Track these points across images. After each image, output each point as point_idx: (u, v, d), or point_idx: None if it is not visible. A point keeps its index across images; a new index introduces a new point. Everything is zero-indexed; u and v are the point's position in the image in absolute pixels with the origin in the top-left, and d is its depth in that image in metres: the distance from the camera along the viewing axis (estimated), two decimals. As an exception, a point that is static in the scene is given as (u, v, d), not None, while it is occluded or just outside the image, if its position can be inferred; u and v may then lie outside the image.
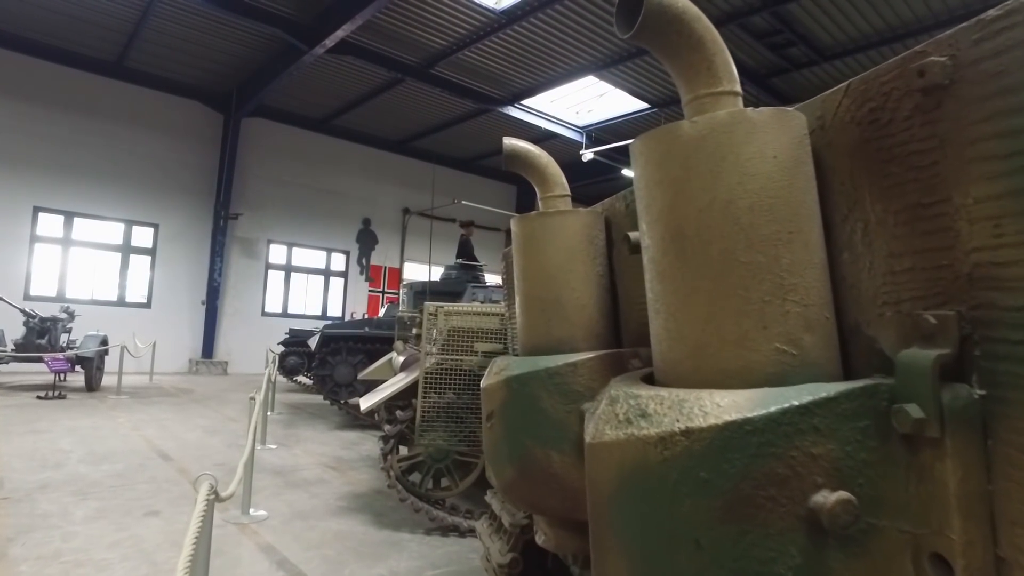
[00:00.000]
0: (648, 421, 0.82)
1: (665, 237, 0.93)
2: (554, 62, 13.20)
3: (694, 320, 0.89)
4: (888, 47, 11.11)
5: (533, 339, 1.67)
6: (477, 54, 12.99)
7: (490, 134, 17.87)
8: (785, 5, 10.27)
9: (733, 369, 0.86)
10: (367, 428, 8.60)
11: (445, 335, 4.79)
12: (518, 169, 1.78)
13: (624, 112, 15.99)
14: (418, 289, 9.68)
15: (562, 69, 13.59)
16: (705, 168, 0.87)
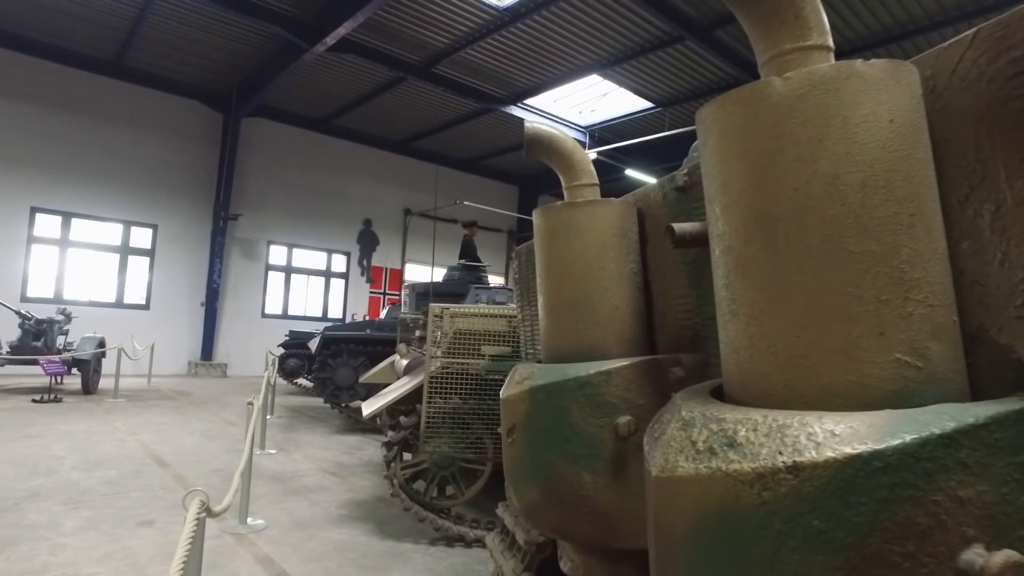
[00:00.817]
0: (739, 452, 0.65)
1: (748, 223, 0.75)
2: (557, 61, 13.04)
3: (787, 324, 0.72)
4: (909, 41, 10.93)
5: (559, 344, 1.50)
6: (479, 53, 12.83)
7: (492, 134, 17.72)
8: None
9: (839, 385, 0.68)
10: (368, 432, 8.42)
11: (451, 337, 4.62)
12: (541, 156, 1.61)
13: (628, 112, 15.84)
14: (420, 290, 9.52)
15: (565, 68, 13.43)
16: (803, 136, 0.70)
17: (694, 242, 1.29)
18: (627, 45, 12.22)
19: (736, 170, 0.77)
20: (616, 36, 11.88)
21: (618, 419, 1.35)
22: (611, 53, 12.58)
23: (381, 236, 18.92)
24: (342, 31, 10.96)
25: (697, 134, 0.87)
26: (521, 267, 2.87)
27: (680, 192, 1.39)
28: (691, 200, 1.37)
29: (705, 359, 1.36)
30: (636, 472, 1.36)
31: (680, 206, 1.41)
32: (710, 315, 1.33)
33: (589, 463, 1.35)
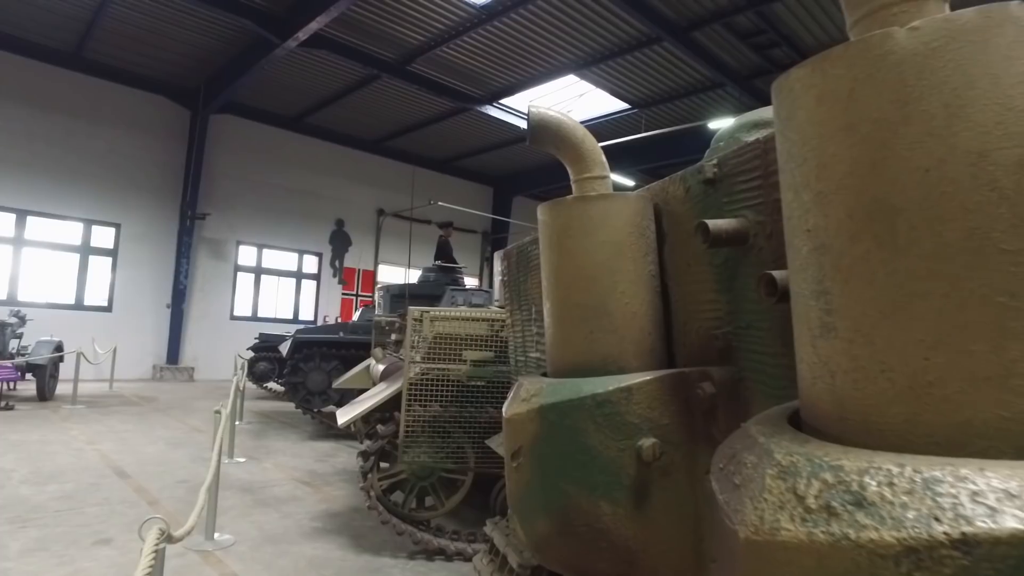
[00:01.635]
0: (873, 515, 0.49)
1: (856, 214, 0.60)
2: (534, 60, 12.91)
3: (911, 343, 0.56)
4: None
5: (570, 356, 1.34)
6: (455, 51, 12.63)
7: (467, 134, 17.52)
8: (770, 4, 10.12)
9: (989, 423, 0.53)
10: (342, 438, 8.16)
11: (430, 342, 4.43)
12: (546, 144, 1.44)
13: (604, 113, 15.78)
14: (395, 292, 9.30)
15: (542, 68, 13.31)
16: (937, 101, 0.54)
17: (729, 241, 1.14)
18: (604, 45, 12.14)
19: (839, 148, 0.61)
20: (593, 36, 11.79)
21: (641, 442, 1.19)
22: (588, 53, 12.50)
23: (354, 237, 18.57)
24: (314, 26, 10.67)
25: (775, 109, 0.71)
26: (511, 268, 2.70)
27: (708, 186, 1.24)
28: (721, 194, 1.22)
29: (737, 373, 1.21)
30: (661, 501, 1.21)
31: (708, 201, 1.26)
32: (744, 323, 1.18)
33: (608, 491, 1.19)
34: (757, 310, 1.14)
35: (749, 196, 1.14)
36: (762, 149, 1.09)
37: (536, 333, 2.42)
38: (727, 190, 1.20)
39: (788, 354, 1.09)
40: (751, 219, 1.13)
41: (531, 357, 2.49)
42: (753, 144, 1.12)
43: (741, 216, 1.14)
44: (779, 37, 11.01)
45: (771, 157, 1.08)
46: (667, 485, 1.22)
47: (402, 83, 13.64)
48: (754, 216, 1.12)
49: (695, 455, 1.24)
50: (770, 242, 1.09)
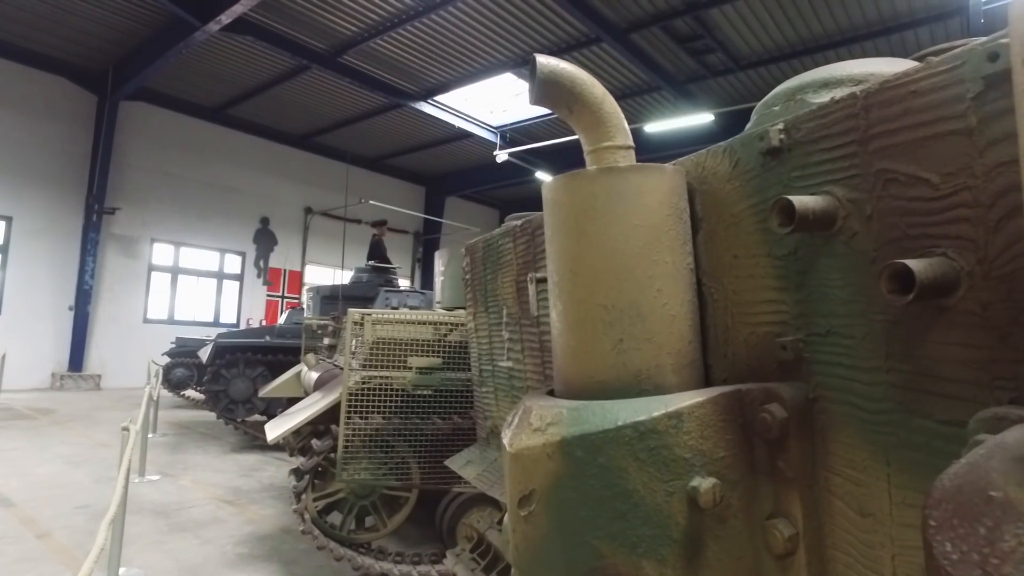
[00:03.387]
0: None
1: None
2: (471, 57, 12.62)
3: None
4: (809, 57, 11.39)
5: (591, 371, 1.06)
6: (390, 44, 12.18)
7: (400, 131, 17.03)
8: (708, 10, 10.24)
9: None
10: (269, 450, 7.58)
11: (370, 347, 4.06)
12: (556, 104, 1.16)
13: (541, 113, 15.68)
14: (326, 294, 8.80)
15: (479, 65, 13.04)
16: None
17: (815, 224, 0.89)
18: (543, 44, 11.99)
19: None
20: (532, 34, 11.62)
21: (695, 482, 0.92)
22: (526, 52, 12.31)
23: (280, 236, 17.70)
24: (239, 9, 9.97)
25: None
26: (475, 265, 2.40)
27: (770, 157, 0.99)
28: (790, 167, 0.97)
29: (810, 391, 0.96)
30: (716, 556, 0.95)
31: (767, 177, 1.01)
32: (823, 330, 0.94)
33: (654, 548, 0.92)
34: (846, 313, 0.90)
35: (837, 167, 0.89)
36: (861, 106, 0.85)
37: (508, 339, 2.13)
38: (799, 161, 0.95)
39: (894, 368, 0.85)
40: (841, 197, 0.88)
41: (500, 367, 2.20)
42: (843, 101, 0.88)
43: (825, 193, 0.90)
44: (715, 43, 11.17)
45: (874, 115, 0.84)
46: (722, 535, 0.96)
47: (333, 76, 13.03)
48: (846, 193, 0.88)
49: (755, 495, 0.98)
50: (870, 226, 0.85)
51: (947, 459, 0.80)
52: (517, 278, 2.02)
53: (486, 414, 2.37)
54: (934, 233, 0.78)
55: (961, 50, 0.74)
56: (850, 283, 0.88)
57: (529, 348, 1.97)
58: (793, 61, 11.78)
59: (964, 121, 0.73)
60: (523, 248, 1.97)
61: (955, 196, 0.75)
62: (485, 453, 2.33)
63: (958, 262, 0.75)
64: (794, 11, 10.17)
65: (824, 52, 11.36)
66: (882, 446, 0.86)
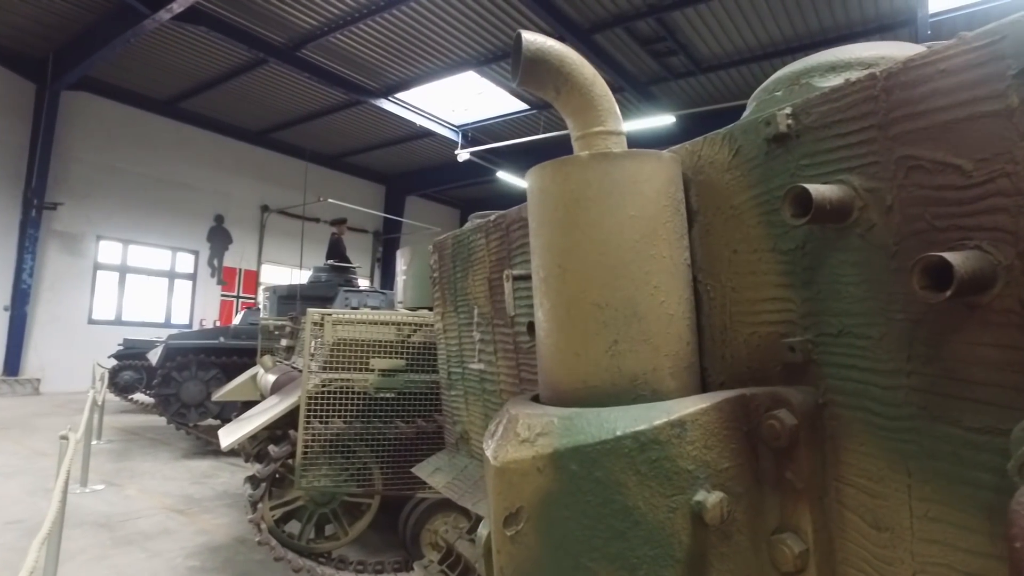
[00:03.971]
0: None
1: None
2: (433, 54, 12.46)
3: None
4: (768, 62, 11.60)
5: (582, 376, 0.97)
6: (350, 39, 11.92)
7: (360, 128, 16.73)
8: (671, 13, 10.33)
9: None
10: (223, 455, 7.29)
11: (330, 348, 3.91)
12: (543, 85, 1.06)
13: (502, 112, 15.60)
14: (283, 293, 8.53)
15: (441, 63, 12.88)
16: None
17: (832, 216, 0.82)
18: (506, 43, 11.91)
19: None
20: (496, 32, 11.54)
21: (700, 497, 0.84)
22: (489, 50, 12.23)
23: (235, 234, 17.17)
24: (191, -3, 9.59)
25: None
26: (444, 263, 2.29)
27: (776, 144, 0.92)
28: (798, 155, 0.90)
29: (820, 396, 0.89)
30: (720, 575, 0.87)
31: (772, 166, 0.93)
32: (835, 330, 0.87)
33: (656, 570, 0.84)
34: (861, 312, 0.83)
35: (853, 154, 0.83)
36: (881, 87, 0.78)
37: (479, 340, 2.03)
38: (809, 149, 0.88)
39: (917, 372, 0.79)
40: (858, 186, 0.81)
41: (471, 369, 2.10)
42: (860, 83, 0.81)
43: (839, 183, 0.83)
44: (677, 46, 11.27)
45: (896, 97, 0.77)
46: (727, 552, 0.89)
47: (291, 70, 12.69)
48: (863, 182, 0.81)
49: (760, 508, 0.91)
50: (890, 217, 0.78)
51: (978, 470, 0.74)
52: (490, 276, 1.93)
53: (455, 419, 2.27)
54: (966, 225, 0.71)
55: (999, 24, 0.68)
56: (866, 279, 0.82)
57: (503, 350, 1.88)
58: (752, 66, 11.99)
59: (1004, 101, 0.67)
60: (496, 244, 1.88)
61: (991, 184, 0.69)
62: (454, 460, 2.22)
63: (995, 256, 0.69)
64: (754, 16, 10.35)
65: (782, 57, 11.58)
66: (902, 455, 0.80)
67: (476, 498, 1.83)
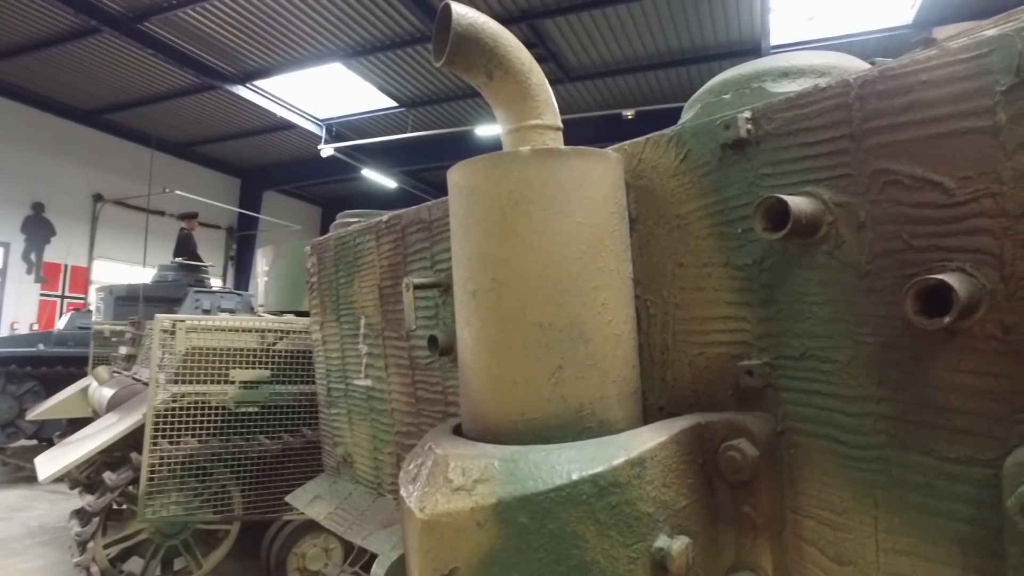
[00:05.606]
0: None
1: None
2: (297, 43, 11.74)
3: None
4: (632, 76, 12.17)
5: (520, 407, 0.84)
6: (201, 16, 10.89)
7: (214, 116, 15.39)
8: (542, 20, 10.51)
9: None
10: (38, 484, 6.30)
11: (182, 358, 3.46)
12: (472, 66, 0.92)
13: (370, 108, 15.08)
14: (122, 294, 7.63)
15: (305, 51, 12.17)
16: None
17: (807, 231, 0.75)
18: (377, 36, 11.52)
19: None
20: (366, 25, 11.10)
21: (661, 543, 0.74)
22: (358, 43, 11.74)
23: (58, 225, 15.08)
24: (4, -52, 8.24)
25: None
26: (323, 267, 2.06)
27: (733, 150, 0.85)
28: (759, 163, 0.83)
29: (779, 423, 0.83)
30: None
31: (727, 173, 0.86)
32: (792, 353, 0.81)
33: (616, 631, 0.73)
34: (826, 334, 0.78)
35: (822, 165, 0.77)
36: (856, 95, 0.73)
37: (367, 354, 1.84)
38: (771, 157, 0.82)
39: (888, 398, 0.74)
40: (827, 199, 0.76)
41: (357, 386, 1.90)
42: (832, 89, 0.76)
43: (806, 195, 0.77)
44: (548, 53, 11.49)
45: (872, 107, 0.72)
46: (692, 603, 0.80)
47: (131, 44, 11.33)
48: (832, 195, 0.76)
49: (716, 546, 0.83)
50: (862, 234, 0.73)
51: (953, 501, 0.71)
52: (381, 283, 1.74)
53: (336, 439, 2.05)
54: (947, 245, 0.67)
55: (987, 36, 0.64)
56: (833, 299, 0.77)
57: (395, 365, 1.70)
58: (617, 78, 12.56)
59: (991, 117, 0.64)
60: (389, 248, 1.70)
61: (975, 203, 0.65)
62: (336, 486, 2.00)
63: (978, 279, 0.65)
64: (620, 31, 10.82)
65: (644, 73, 12.25)
66: (868, 485, 0.76)
67: (366, 531, 1.63)
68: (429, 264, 1.50)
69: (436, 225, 1.46)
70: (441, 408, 1.49)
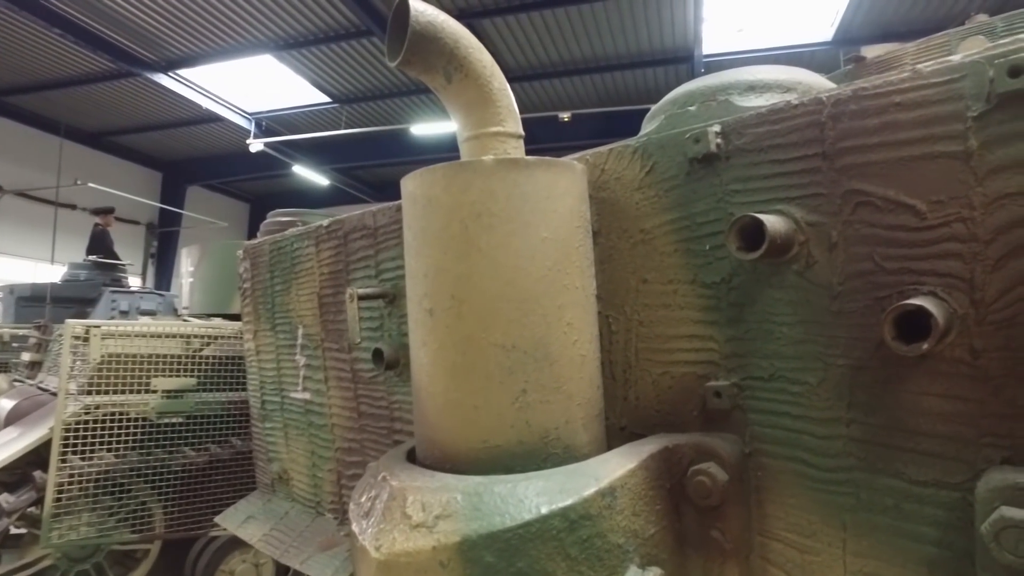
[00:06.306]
0: None
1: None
2: (225, 32, 11.24)
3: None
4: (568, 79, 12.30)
5: (482, 433, 0.79)
6: (120, -2, 10.26)
7: (133, 105, 14.53)
8: (480, 20, 10.46)
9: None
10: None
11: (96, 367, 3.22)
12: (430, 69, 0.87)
13: (302, 103, 14.63)
14: (26, 294, 7.11)
15: (234, 41, 11.67)
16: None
17: (780, 251, 0.74)
18: (310, 29, 11.17)
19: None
20: (298, 16, 10.74)
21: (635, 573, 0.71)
22: (291, 35, 11.36)
23: (-52, 218, 13.89)
24: None
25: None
26: (257, 272, 1.94)
27: (702, 165, 0.83)
28: (728, 179, 0.81)
29: (746, 445, 0.82)
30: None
31: (695, 188, 0.84)
32: (761, 374, 0.80)
33: (587, 673, 0.69)
34: (796, 355, 0.77)
35: (794, 183, 0.76)
36: (829, 114, 0.72)
37: (305, 365, 1.74)
38: (741, 173, 0.80)
39: (857, 420, 0.73)
40: (799, 218, 0.75)
41: (294, 399, 1.79)
42: (805, 106, 0.74)
43: (777, 213, 0.75)
44: (485, 53, 11.48)
45: (845, 126, 0.71)
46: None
47: (35, 21, 10.52)
48: (805, 215, 0.74)
49: (684, 573, 0.81)
50: (834, 255, 0.72)
51: (922, 524, 0.71)
52: (320, 292, 1.65)
53: (271, 455, 1.93)
54: (918, 268, 0.67)
55: (959, 61, 0.64)
56: (803, 320, 0.76)
57: (336, 378, 1.62)
58: (554, 80, 12.66)
59: (962, 143, 0.64)
60: (330, 256, 1.61)
61: (946, 227, 0.65)
62: (271, 504, 1.88)
63: (949, 303, 0.65)
64: (558, 34, 10.91)
65: (581, 76, 12.41)
66: (837, 508, 0.75)
67: (305, 554, 1.54)
68: (374, 273, 1.43)
69: (382, 232, 1.39)
70: (386, 424, 1.42)
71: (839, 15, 9.88)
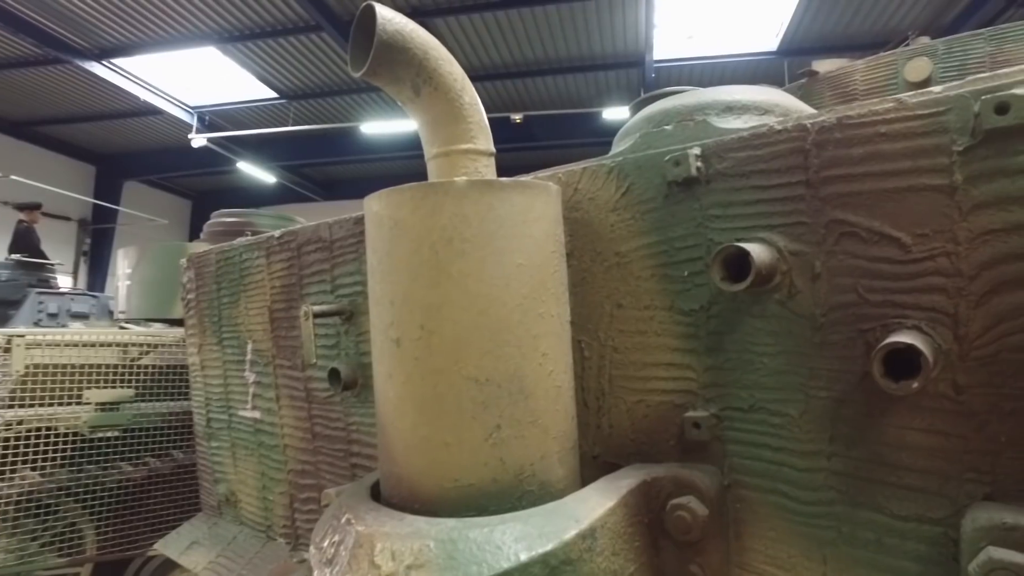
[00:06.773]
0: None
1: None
2: (165, 20, 10.78)
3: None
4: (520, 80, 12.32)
5: (453, 472, 0.74)
6: (47, -21, 9.71)
7: (63, 94, 13.79)
8: (433, 19, 10.36)
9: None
10: None
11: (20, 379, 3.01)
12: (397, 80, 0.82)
13: (247, 98, 14.19)
14: (-61, 297, 6.63)
15: (175, 31, 11.21)
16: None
17: (763, 281, 0.72)
18: (256, 22, 10.83)
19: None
20: (245, 9, 10.40)
21: (614, 622, 0.68)
22: (235, 27, 10.99)
23: None
24: None
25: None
26: (203, 283, 1.83)
27: (681, 188, 0.80)
28: (708, 204, 0.79)
29: (725, 477, 0.80)
30: None
31: (675, 212, 0.81)
32: (740, 404, 0.78)
33: None
34: (777, 386, 0.75)
35: (776, 211, 0.74)
36: (813, 141, 0.70)
37: (255, 383, 1.65)
38: (721, 198, 0.78)
39: (839, 454, 0.72)
40: (783, 247, 0.73)
41: (242, 417, 1.70)
42: (788, 132, 0.73)
43: (759, 241, 0.73)
44: (438, 53, 11.37)
45: (829, 155, 0.70)
46: None
47: (-52, 1, 9.87)
48: (788, 244, 0.73)
49: (662, 612, 0.78)
50: (816, 285, 0.71)
51: (903, 559, 0.70)
52: (272, 305, 1.57)
53: (217, 476, 1.83)
54: (902, 302, 0.66)
55: (944, 94, 0.63)
56: (785, 350, 0.74)
57: (289, 396, 1.54)
58: (507, 82, 12.65)
59: (948, 176, 0.63)
60: (283, 268, 1.53)
61: (930, 261, 0.64)
62: (217, 528, 1.78)
63: (934, 338, 0.64)
64: (511, 35, 10.90)
65: (533, 78, 12.43)
66: (818, 541, 0.74)
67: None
68: (329, 288, 1.36)
69: (338, 246, 1.32)
70: (343, 447, 1.35)
71: (783, 26, 10.20)
